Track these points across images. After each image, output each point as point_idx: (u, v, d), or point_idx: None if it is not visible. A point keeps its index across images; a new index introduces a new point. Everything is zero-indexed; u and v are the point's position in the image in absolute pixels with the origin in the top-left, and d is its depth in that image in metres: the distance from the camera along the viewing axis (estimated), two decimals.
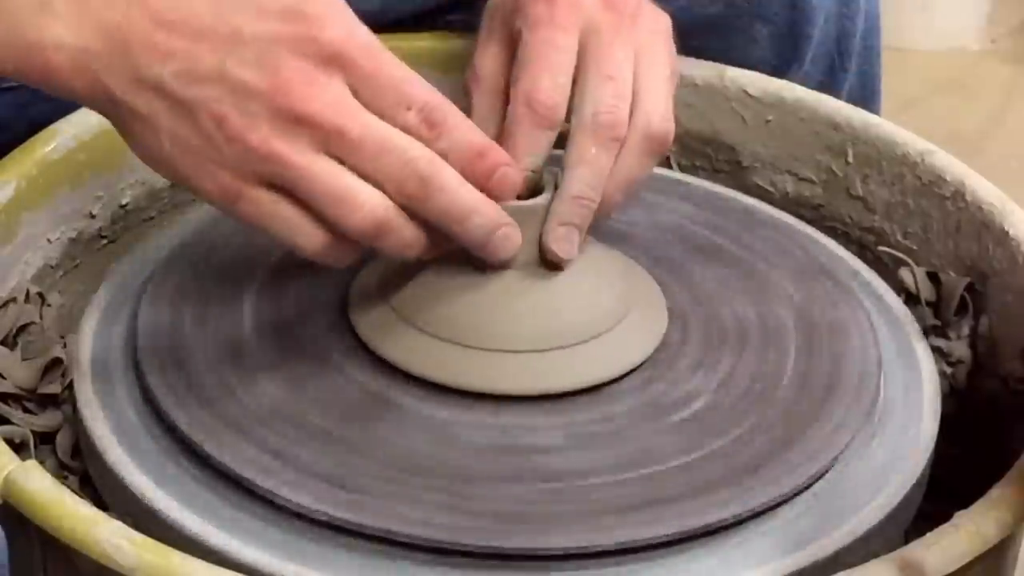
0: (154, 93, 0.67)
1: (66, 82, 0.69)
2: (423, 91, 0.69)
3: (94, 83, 0.68)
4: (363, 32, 0.69)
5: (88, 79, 0.68)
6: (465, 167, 0.70)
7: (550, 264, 0.76)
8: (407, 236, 0.70)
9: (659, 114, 0.78)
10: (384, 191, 0.68)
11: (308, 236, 0.69)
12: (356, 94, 0.68)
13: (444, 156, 0.69)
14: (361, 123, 0.68)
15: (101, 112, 0.70)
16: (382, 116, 0.68)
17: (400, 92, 0.69)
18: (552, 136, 0.77)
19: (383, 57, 0.69)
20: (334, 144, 0.67)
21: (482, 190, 0.71)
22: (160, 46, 0.67)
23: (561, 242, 0.76)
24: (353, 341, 0.78)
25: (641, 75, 0.78)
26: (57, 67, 0.68)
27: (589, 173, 0.76)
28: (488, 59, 0.81)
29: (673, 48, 0.81)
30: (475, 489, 0.71)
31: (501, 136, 0.77)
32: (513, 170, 0.72)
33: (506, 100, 0.78)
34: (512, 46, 0.80)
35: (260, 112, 0.67)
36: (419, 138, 0.69)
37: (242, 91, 0.67)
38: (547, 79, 0.77)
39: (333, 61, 0.67)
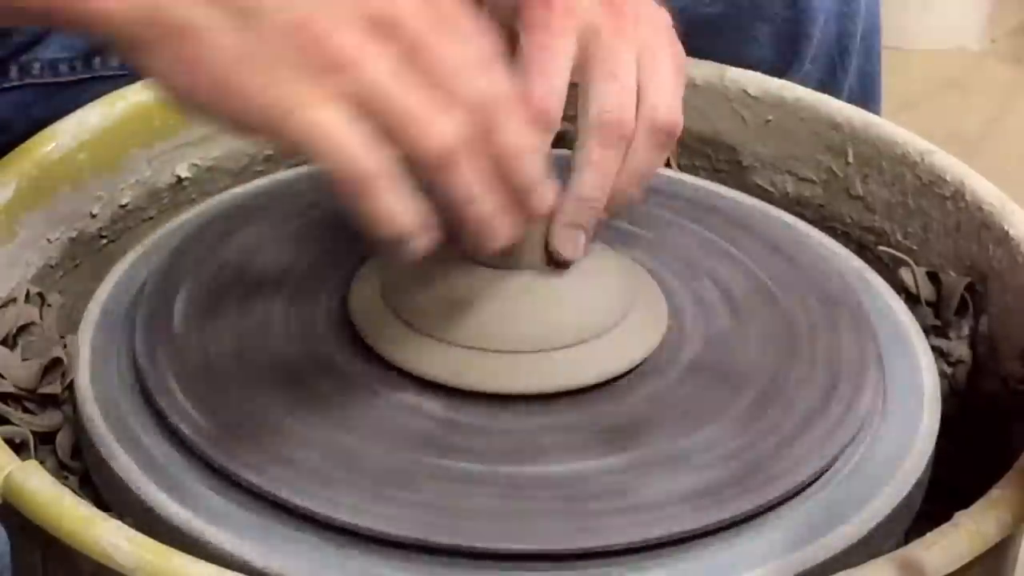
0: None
1: (100, 3, 0.62)
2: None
3: None
4: None
5: None
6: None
7: (555, 264, 0.76)
8: (469, 176, 0.65)
9: (665, 105, 0.78)
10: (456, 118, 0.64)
11: (360, 157, 0.63)
12: None
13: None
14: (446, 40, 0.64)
15: (129, 35, 0.63)
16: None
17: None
18: (547, 140, 0.77)
19: None
20: (419, 59, 0.63)
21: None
22: None
23: (567, 243, 0.76)
24: (353, 340, 0.78)
25: (645, 71, 0.78)
26: None
27: (596, 174, 0.76)
28: None
29: (677, 44, 0.81)
30: (473, 488, 0.71)
31: None
32: (547, 189, 0.70)
33: None
34: (510, 43, 0.79)
35: (345, 16, 0.62)
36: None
37: None
38: (540, 84, 0.76)
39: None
